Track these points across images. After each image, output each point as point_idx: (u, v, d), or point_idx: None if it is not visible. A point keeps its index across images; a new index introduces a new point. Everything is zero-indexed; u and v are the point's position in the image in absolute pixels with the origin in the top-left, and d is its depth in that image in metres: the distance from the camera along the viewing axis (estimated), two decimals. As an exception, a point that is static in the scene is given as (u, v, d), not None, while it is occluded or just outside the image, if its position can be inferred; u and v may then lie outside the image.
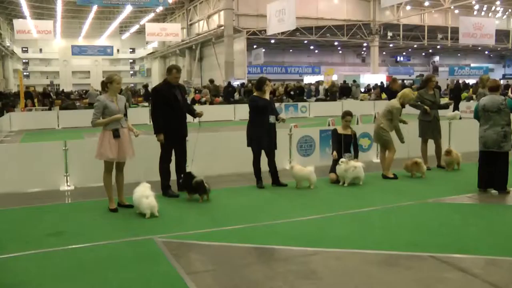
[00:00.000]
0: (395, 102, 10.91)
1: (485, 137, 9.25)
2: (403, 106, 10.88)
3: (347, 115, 10.81)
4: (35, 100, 32.36)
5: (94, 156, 8.27)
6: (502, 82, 37.41)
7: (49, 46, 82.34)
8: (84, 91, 47.08)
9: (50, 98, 35.61)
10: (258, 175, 10.03)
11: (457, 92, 27.66)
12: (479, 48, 67.99)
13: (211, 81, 35.47)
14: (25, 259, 6.12)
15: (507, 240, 6.71)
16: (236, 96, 33.37)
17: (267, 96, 10.01)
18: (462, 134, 13.40)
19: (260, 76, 10.55)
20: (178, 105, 9.33)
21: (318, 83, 40.87)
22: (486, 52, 76.34)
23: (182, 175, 9.33)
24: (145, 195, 7.85)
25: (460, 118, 20.37)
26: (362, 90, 40.58)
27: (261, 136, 9.84)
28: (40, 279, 5.45)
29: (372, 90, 38.88)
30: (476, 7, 51.49)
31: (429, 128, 11.68)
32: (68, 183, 10.16)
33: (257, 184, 9.97)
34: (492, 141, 9.14)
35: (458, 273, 5.49)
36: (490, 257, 6.01)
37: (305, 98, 33.90)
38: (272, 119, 9.86)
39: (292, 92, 34.29)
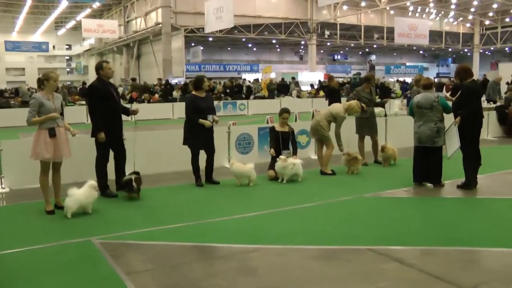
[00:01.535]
0: (340, 110, 11.02)
1: (419, 132, 9.53)
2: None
3: (284, 112, 10.89)
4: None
5: (29, 156, 8.04)
6: (435, 80, 38.58)
7: (-20, 41, 79.74)
8: (13, 89, 45.63)
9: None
10: (197, 173, 9.98)
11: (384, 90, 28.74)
12: (414, 48, 69.76)
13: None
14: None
15: (442, 231, 6.95)
16: (175, 94, 33.11)
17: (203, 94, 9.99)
18: (398, 130, 13.70)
19: (198, 75, 10.49)
20: (115, 102, 9.19)
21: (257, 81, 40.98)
22: (421, 52, 78.42)
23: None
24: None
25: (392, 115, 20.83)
26: (306, 88, 40.84)
27: (199, 136, 9.81)
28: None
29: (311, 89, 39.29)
30: (411, 8, 52.64)
31: (366, 125, 11.92)
32: (3, 185, 9.84)
33: (196, 182, 9.93)
34: (425, 136, 9.42)
35: (395, 264, 5.63)
36: (426, 247, 6.22)
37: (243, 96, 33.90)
38: (210, 118, 9.83)
39: (228, 90, 34.30)
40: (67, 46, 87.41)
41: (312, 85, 40.50)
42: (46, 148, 7.87)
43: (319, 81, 42.11)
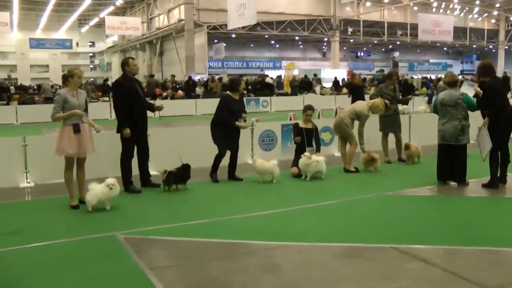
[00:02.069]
0: (364, 108, 10.97)
1: (443, 130, 9.43)
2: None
3: (308, 109, 10.87)
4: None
5: (54, 151, 8.14)
6: (459, 77, 38.12)
7: (6, 38, 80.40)
8: (36, 86, 46.14)
9: (8, 92, 34.89)
10: (216, 170, 10.04)
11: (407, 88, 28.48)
12: (438, 45, 68.99)
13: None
14: (-18, 257, 6.00)
15: (467, 230, 6.88)
16: (198, 90, 33.21)
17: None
18: (422, 128, 13.59)
19: (235, 76, 10.53)
20: (140, 99, 9.26)
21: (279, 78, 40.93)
22: (445, 48, 77.56)
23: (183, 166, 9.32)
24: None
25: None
26: (329, 85, 40.72)
27: (228, 136, 9.92)
28: (2, 278, 5.35)
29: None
30: (435, 4, 52.25)
31: (389, 122, 11.83)
32: (28, 180, 9.96)
33: (213, 178, 9.98)
34: (449, 134, 9.32)
35: (418, 263, 5.59)
36: (450, 247, 6.16)
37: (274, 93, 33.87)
38: (242, 120, 9.97)
39: (249, 87, 34.30)
40: (91, 43, 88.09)
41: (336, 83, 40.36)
42: (70, 144, 7.95)
43: (335, 78, 41.84)
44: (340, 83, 39.71)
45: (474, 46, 68.43)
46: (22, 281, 5.28)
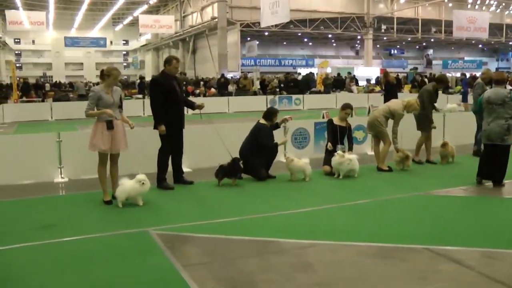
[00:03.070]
0: (399, 107, 10.84)
1: (488, 130, 9.15)
2: None
3: (347, 107, 10.80)
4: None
5: (87, 147, 8.22)
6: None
7: (42, 37, 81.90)
8: (68, 83, 46.91)
9: (43, 89, 35.45)
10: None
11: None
12: (473, 42, 68.13)
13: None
14: (17, 251, 6.08)
15: (502, 233, 6.73)
16: (230, 88, 33.35)
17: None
18: (457, 126, 13.39)
19: (272, 108, 10.57)
20: (177, 96, 9.29)
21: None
22: (480, 46, 76.47)
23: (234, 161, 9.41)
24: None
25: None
26: (362, 83, 40.43)
27: (262, 161, 10.06)
28: (33, 272, 5.42)
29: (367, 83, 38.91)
30: (470, 0, 51.53)
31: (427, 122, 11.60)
32: (62, 175, 10.10)
33: (260, 176, 9.97)
34: (495, 134, 9.03)
35: (453, 265, 5.49)
36: (485, 249, 6.01)
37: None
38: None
39: (282, 85, 34.28)
40: (124, 42, 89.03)
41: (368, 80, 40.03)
42: (102, 140, 8.03)
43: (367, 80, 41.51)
44: (373, 81, 39.40)
45: (511, 43, 67.22)
46: (56, 274, 5.34)
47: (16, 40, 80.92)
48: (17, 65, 73.48)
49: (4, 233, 6.83)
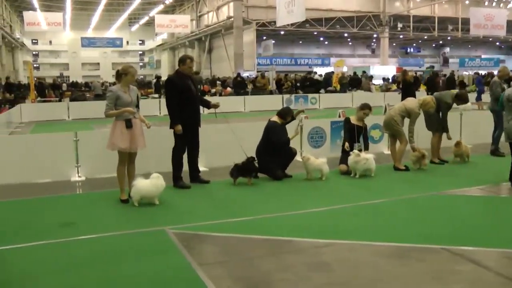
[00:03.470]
0: (415, 106, 10.76)
1: (508, 128, 9.02)
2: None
3: (366, 108, 10.73)
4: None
5: (105, 146, 8.27)
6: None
7: (59, 38, 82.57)
8: (84, 83, 47.30)
9: (60, 89, 35.71)
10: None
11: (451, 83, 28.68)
12: (490, 39, 67.51)
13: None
14: (35, 249, 6.13)
15: (521, 233, 6.66)
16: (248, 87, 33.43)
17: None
18: (474, 126, 13.30)
19: (287, 107, 10.51)
20: (192, 95, 9.31)
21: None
22: (497, 43, 75.84)
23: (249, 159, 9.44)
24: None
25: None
26: (378, 82, 40.29)
27: (278, 161, 10.05)
28: (50, 269, 5.46)
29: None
30: (487, -3, 51.18)
31: (438, 121, 11.51)
32: (79, 174, 10.17)
33: (276, 176, 9.94)
34: None
35: (470, 265, 5.44)
36: (503, 250, 5.94)
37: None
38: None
39: (298, 84, 34.24)
40: (140, 41, 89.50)
41: (384, 79, 39.91)
42: (122, 139, 8.07)
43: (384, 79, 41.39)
44: (390, 80, 39.29)
45: (529, 40, 66.65)
46: (74, 271, 5.37)
47: (33, 41, 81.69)
48: (35, 65, 74.16)
49: (22, 230, 6.90)
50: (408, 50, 75.84)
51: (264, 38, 56.08)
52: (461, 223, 7.04)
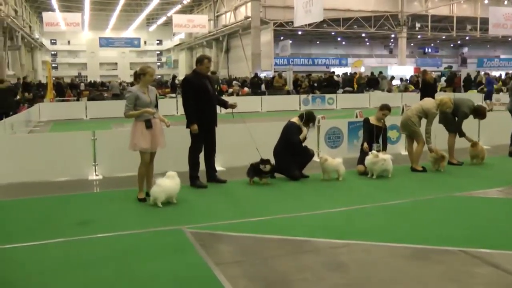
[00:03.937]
0: (432, 106, 10.68)
1: None
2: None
3: (386, 108, 10.65)
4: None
5: (127, 147, 8.31)
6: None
7: (77, 38, 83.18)
8: (100, 83, 47.62)
9: (78, 89, 35.96)
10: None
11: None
12: (509, 39, 66.83)
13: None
14: (53, 247, 6.17)
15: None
16: (263, 87, 33.39)
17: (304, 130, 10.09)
18: (492, 127, 13.18)
19: (311, 113, 10.43)
20: (209, 95, 9.33)
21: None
22: (517, 43, 75.19)
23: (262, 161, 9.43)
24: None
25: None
26: (396, 82, 40.06)
27: (296, 161, 10.03)
28: (67, 267, 5.49)
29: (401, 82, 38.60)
30: (507, -4, 50.70)
31: (451, 122, 11.42)
32: (97, 173, 10.24)
33: (294, 176, 9.93)
34: None
35: (489, 268, 5.38)
36: (524, 252, 5.88)
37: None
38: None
39: (315, 84, 34.17)
40: (158, 41, 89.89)
41: (402, 79, 39.68)
42: (143, 139, 8.13)
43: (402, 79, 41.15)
44: (408, 81, 39.06)
45: (549, 40, 65.95)
46: (92, 269, 5.40)
47: (52, 41, 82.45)
48: (53, 65, 74.66)
49: (42, 228, 6.97)
50: (426, 50, 75.41)
51: (282, 38, 56.09)
52: (480, 225, 6.97)
